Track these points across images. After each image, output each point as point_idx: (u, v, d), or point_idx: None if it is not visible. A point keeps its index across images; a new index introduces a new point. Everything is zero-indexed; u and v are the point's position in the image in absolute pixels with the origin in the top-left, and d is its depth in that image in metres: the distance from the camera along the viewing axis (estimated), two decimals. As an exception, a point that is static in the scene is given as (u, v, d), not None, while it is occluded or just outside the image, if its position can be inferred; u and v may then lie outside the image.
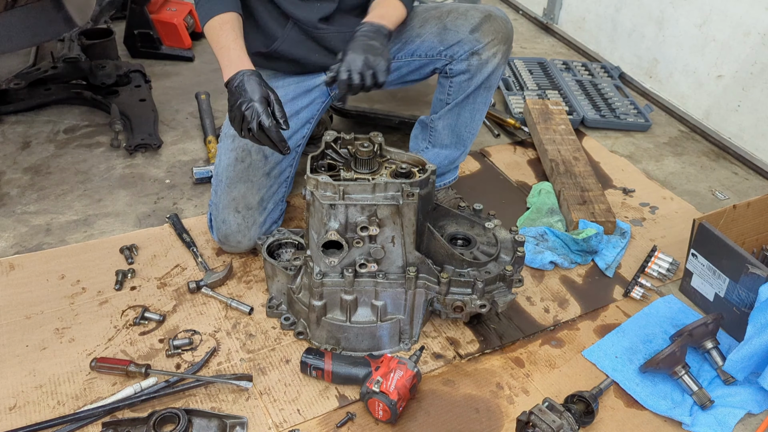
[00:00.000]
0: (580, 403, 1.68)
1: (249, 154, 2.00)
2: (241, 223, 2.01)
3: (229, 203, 2.01)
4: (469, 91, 2.08)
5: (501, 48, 2.04)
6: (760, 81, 2.78)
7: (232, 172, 2.01)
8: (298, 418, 1.64)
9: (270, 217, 2.06)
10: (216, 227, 2.05)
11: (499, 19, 2.05)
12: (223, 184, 2.02)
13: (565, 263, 2.18)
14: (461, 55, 2.04)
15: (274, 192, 2.06)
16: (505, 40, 2.05)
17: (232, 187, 2.01)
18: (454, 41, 2.04)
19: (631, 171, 2.77)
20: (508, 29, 2.06)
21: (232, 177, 2.01)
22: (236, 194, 2.00)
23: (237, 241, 2.04)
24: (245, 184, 2.01)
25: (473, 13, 2.05)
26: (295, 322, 1.87)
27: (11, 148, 2.58)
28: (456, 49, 2.04)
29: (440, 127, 2.17)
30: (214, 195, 2.06)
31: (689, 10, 3.06)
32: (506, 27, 2.05)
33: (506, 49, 2.06)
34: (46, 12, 2.29)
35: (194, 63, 3.32)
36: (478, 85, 2.07)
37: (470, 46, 2.02)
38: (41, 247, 2.11)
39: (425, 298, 1.79)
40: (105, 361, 1.69)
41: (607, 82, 3.34)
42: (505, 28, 2.05)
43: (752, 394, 1.78)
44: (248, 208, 2.01)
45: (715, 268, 1.97)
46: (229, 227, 2.02)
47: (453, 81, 2.09)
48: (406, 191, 1.63)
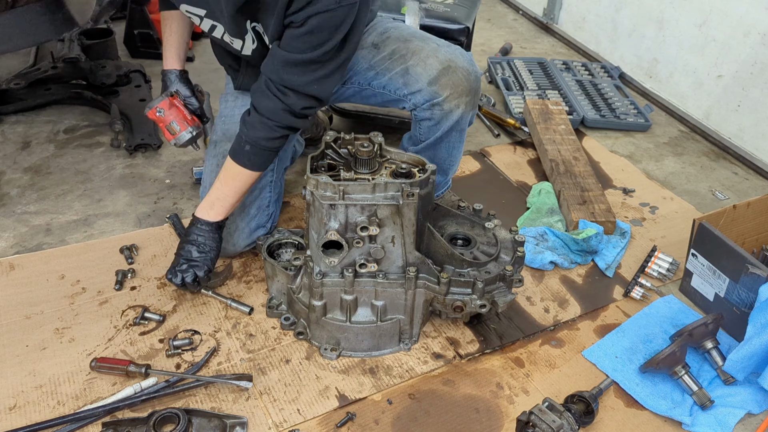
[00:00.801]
0: (580, 403, 1.68)
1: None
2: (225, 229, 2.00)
3: None
4: (438, 134, 2.01)
5: (463, 99, 1.93)
6: (760, 81, 2.78)
7: (214, 178, 1.98)
8: (298, 418, 1.64)
9: (255, 221, 2.03)
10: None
11: (460, 71, 1.92)
12: (206, 190, 2.01)
13: (565, 263, 2.18)
14: (422, 104, 1.95)
15: (256, 197, 2.03)
16: (467, 92, 1.93)
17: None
18: (415, 89, 1.94)
19: (631, 171, 2.77)
20: (470, 81, 1.93)
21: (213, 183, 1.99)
22: None
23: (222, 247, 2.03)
24: None
25: (432, 63, 1.92)
26: (295, 322, 1.87)
27: (11, 148, 2.58)
28: (417, 97, 1.94)
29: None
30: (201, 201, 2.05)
31: (689, 10, 3.06)
32: (467, 79, 1.92)
33: (469, 99, 1.95)
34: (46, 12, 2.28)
35: (194, 63, 3.32)
36: (448, 129, 2.00)
37: (429, 97, 1.93)
38: (41, 247, 2.11)
39: (425, 298, 1.79)
40: (105, 361, 1.69)
41: (607, 82, 3.34)
42: (465, 81, 1.92)
43: (752, 394, 1.78)
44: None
45: (715, 268, 1.97)
46: None
47: (421, 124, 2.01)
48: (406, 191, 1.63)
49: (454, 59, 1.93)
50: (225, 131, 2.06)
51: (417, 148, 2.08)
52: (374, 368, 1.79)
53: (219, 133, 2.08)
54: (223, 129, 2.08)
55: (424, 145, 2.06)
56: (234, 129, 1.99)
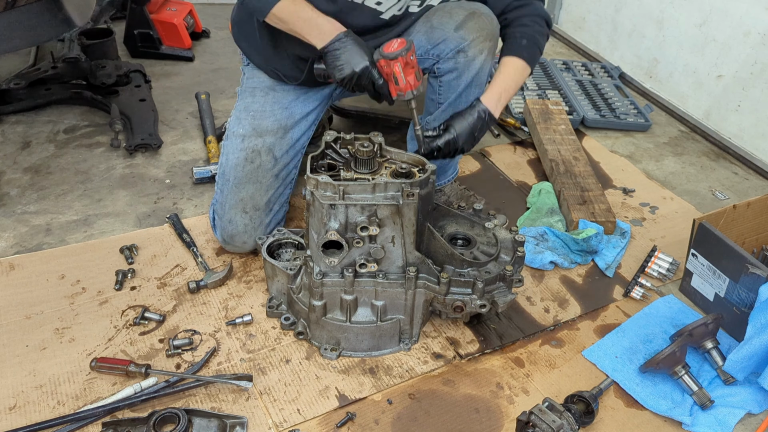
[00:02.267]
0: (580, 403, 1.68)
1: (258, 155, 2.01)
2: (248, 224, 2.02)
3: (236, 203, 2.01)
4: (459, 89, 2.04)
5: (486, 45, 1.99)
6: (760, 81, 2.78)
7: (241, 173, 2.00)
8: (298, 418, 1.64)
9: (275, 218, 2.07)
10: (221, 227, 2.05)
11: (484, 16, 1.99)
12: (230, 183, 2.02)
13: (565, 263, 2.18)
14: (447, 54, 1.99)
15: (280, 193, 2.06)
16: (490, 36, 1.99)
17: (240, 187, 2.01)
18: (439, 39, 1.99)
19: (631, 171, 2.77)
20: (494, 26, 2.00)
21: (240, 177, 2.00)
22: (244, 195, 2.00)
23: (242, 241, 2.04)
24: (254, 185, 2.01)
25: (458, 11, 1.99)
26: (295, 322, 1.87)
27: (11, 148, 2.58)
28: (442, 47, 1.99)
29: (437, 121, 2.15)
30: (220, 194, 2.06)
31: (689, 10, 3.06)
32: (491, 24, 2.00)
33: (492, 45, 2.01)
34: (46, 12, 2.29)
35: (194, 63, 3.32)
36: (468, 83, 2.03)
37: (455, 44, 1.97)
38: (41, 247, 2.11)
39: (425, 298, 1.79)
40: (105, 361, 1.69)
41: (607, 82, 3.34)
42: (490, 25, 1.99)
43: (752, 394, 1.78)
44: (256, 209, 2.01)
45: (715, 268, 1.97)
46: (236, 227, 2.02)
47: (442, 80, 2.05)
48: (406, 191, 1.63)
49: (478, 8, 2.01)
50: (256, 126, 2.04)
51: (436, 112, 2.10)
52: (374, 368, 1.79)
53: (248, 128, 2.04)
54: (253, 124, 2.04)
55: (444, 106, 2.08)
56: (266, 124, 2.05)
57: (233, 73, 3.24)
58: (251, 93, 2.10)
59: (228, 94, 3.06)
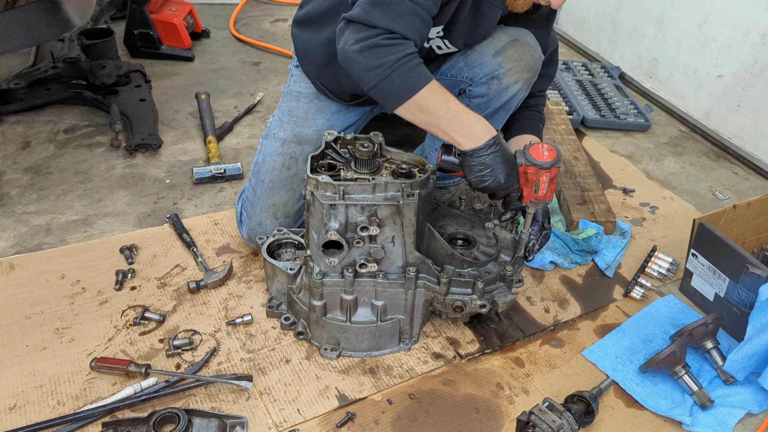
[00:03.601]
0: (580, 403, 1.68)
1: (296, 163, 1.99)
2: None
3: (268, 207, 2.01)
4: (487, 112, 1.95)
5: (523, 75, 1.90)
6: (760, 81, 2.78)
7: (277, 177, 2.00)
8: (298, 417, 1.64)
9: (299, 223, 2.07)
10: (249, 227, 2.05)
11: (526, 46, 1.89)
12: (264, 186, 2.01)
13: (565, 263, 2.18)
14: (481, 78, 1.91)
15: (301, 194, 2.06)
16: (529, 68, 1.90)
17: (274, 192, 2.00)
18: (476, 63, 1.91)
19: (631, 171, 2.77)
20: (534, 57, 1.90)
21: (276, 182, 2.00)
22: (277, 200, 2.00)
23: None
24: (288, 192, 2.00)
25: (500, 36, 1.90)
26: (295, 322, 1.87)
27: (11, 148, 2.58)
28: (477, 71, 1.91)
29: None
30: (252, 194, 2.04)
31: (689, 10, 3.06)
32: (533, 55, 1.90)
33: (529, 77, 1.92)
34: (45, 12, 2.29)
35: (194, 63, 3.32)
36: (497, 108, 1.95)
37: (491, 69, 1.89)
38: (41, 247, 2.11)
39: (425, 298, 1.79)
40: (105, 361, 1.69)
41: (607, 82, 3.34)
42: (531, 56, 1.89)
43: (752, 394, 1.78)
44: (287, 216, 2.02)
45: (715, 268, 1.97)
46: (265, 230, 2.02)
47: (471, 102, 1.96)
48: (406, 191, 1.63)
49: (522, 35, 1.91)
50: (297, 133, 2.00)
51: None
52: (374, 368, 1.79)
53: (289, 133, 2.01)
54: (295, 131, 2.01)
55: None
56: (307, 133, 2.01)
57: (233, 73, 3.24)
58: (296, 97, 2.05)
59: (228, 94, 3.06)
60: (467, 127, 1.66)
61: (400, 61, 1.56)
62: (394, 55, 1.55)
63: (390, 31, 1.55)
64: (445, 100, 1.64)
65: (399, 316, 1.81)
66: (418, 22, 1.59)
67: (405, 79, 1.57)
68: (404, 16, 1.56)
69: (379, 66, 1.55)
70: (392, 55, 1.55)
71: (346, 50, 1.58)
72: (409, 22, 1.58)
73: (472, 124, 1.66)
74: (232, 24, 3.73)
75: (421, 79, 1.59)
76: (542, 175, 1.66)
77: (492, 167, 1.66)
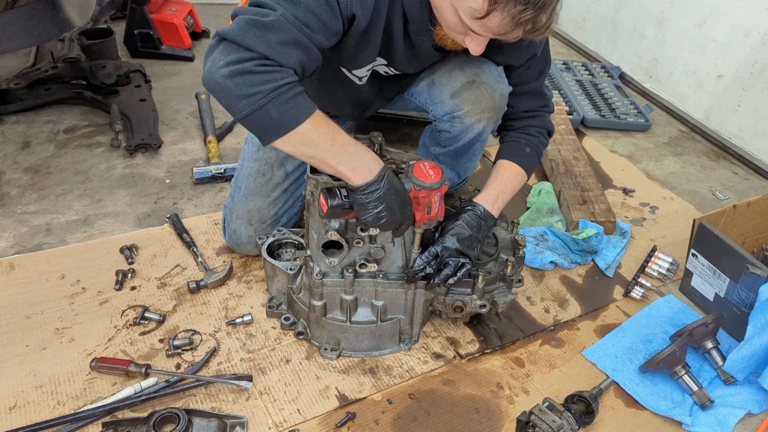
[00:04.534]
0: (580, 403, 1.68)
1: (271, 168, 1.98)
2: (252, 236, 2.01)
3: (243, 214, 2.01)
4: (459, 144, 1.98)
5: (484, 116, 1.87)
6: (760, 81, 2.78)
7: (252, 184, 1.99)
8: (298, 417, 1.64)
9: (293, 221, 2.07)
10: (228, 234, 2.06)
11: (484, 86, 1.82)
12: (241, 192, 2.01)
13: (565, 263, 2.18)
14: (442, 116, 1.91)
15: (289, 207, 2.04)
16: (489, 109, 1.85)
17: (248, 199, 1.99)
18: (437, 100, 1.90)
19: (631, 171, 2.77)
20: (494, 98, 1.84)
21: (250, 188, 1.99)
22: (252, 207, 2.00)
23: (247, 251, 2.06)
24: (262, 198, 1.99)
25: (457, 75, 1.85)
26: (295, 322, 1.87)
27: (11, 148, 2.58)
28: (438, 108, 1.90)
29: (441, 159, 2.11)
30: (230, 200, 2.05)
31: (689, 10, 3.06)
32: (491, 96, 1.83)
33: (491, 116, 1.88)
34: (45, 12, 2.29)
35: (194, 63, 3.32)
36: (469, 141, 1.96)
37: (450, 109, 1.88)
38: (41, 247, 2.11)
39: (425, 298, 1.79)
40: (105, 361, 1.69)
41: (607, 82, 3.34)
42: (489, 98, 1.83)
43: (752, 394, 1.78)
44: (261, 222, 2.01)
45: (715, 268, 1.97)
46: (240, 238, 2.03)
47: (441, 135, 1.99)
48: (406, 191, 1.63)
49: (480, 74, 1.83)
50: None
51: (440, 150, 2.06)
52: (374, 368, 1.79)
53: None
54: None
55: (447, 150, 2.04)
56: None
57: (233, 73, 3.24)
58: None
59: (228, 94, 3.06)
60: (356, 159, 1.49)
61: (278, 90, 1.37)
62: (269, 84, 1.37)
63: (266, 57, 1.38)
64: (330, 131, 1.47)
65: (399, 316, 1.81)
66: (300, 54, 1.43)
67: (283, 110, 1.39)
68: (286, 44, 1.40)
69: (253, 95, 1.37)
70: (268, 84, 1.37)
71: (213, 72, 1.39)
72: (291, 52, 1.40)
73: (360, 156, 1.50)
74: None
75: (302, 111, 1.42)
76: (434, 195, 1.58)
77: (386, 201, 1.51)
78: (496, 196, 1.80)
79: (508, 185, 1.84)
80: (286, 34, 1.39)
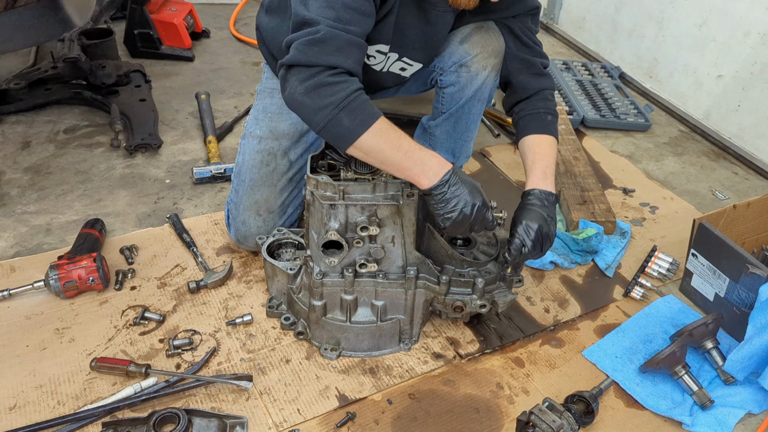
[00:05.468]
0: (580, 403, 1.68)
1: (274, 158, 2.00)
2: (262, 226, 2.02)
3: (250, 206, 2.01)
4: (461, 102, 2.02)
5: (491, 61, 1.94)
6: (760, 81, 2.78)
7: (257, 175, 2.00)
8: (298, 417, 1.64)
9: (289, 219, 2.07)
10: (235, 227, 2.06)
11: (491, 31, 1.94)
12: (245, 185, 2.02)
13: (565, 263, 2.18)
14: (450, 67, 1.96)
15: (295, 196, 2.06)
16: (496, 53, 1.94)
17: (255, 189, 2.00)
18: (444, 52, 1.96)
19: (631, 171, 2.77)
20: (500, 42, 1.95)
21: (255, 179, 2.00)
22: (259, 197, 2.00)
23: (255, 243, 2.04)
24: (269, 188, 2.00)
25: (466, 26, 1.95)
26: (295, 322, 1.87)
27: (11, 148, 2.58)
28: (445, 59, 1.96)
29: (438, 133, 2.15)
30: (235, 194, 2.05)
31: (689, 10, 3.06)
32: (497, 39, 1.95)
33: (496, 62, 1.96)
34: (45, 12, 2.29)
35: (194, 63, 3.32)
36: (470, 97, 2.01)
37: (458, 57, 1.94)
38: (41, 247, 2.11)
39: (425, 298, 1.79)
40: (105, 361, 1.69)
41: (607, 82, 3.34)
42: (496, 41, 1.94)
43: (752, 394, 1.78)
44: (270, 211, 2.01)
45: (715, 268, 1.97)
46: (249, 229, 2.02)
47: (445, 92, 2.03)
48: (406, 191, 1.63)
49: (486, 23, 1.95)
50: (273, 129, 2.01)
51: (437, 121, 2.10)
52: (374, 368, 1.79)
53: (265, 130, 2.02)
54: (270, 126, 2.02)
55: (446, 116, 2.07)
56: (282, 127, 2.02)
57: (233, 73, 3.24)
58: (270, 94, 2.06)
59: (228, 94, 3.06)
60: (422, 164, 1.56)
61: (347, 98, 1.49)
62: (340, 94, 1.48)
63: (332, 66, 1.50)
64: (396, 137, 1.56)
65: (399, 316, 1.81)
66: (356, 52, 1.55)
67: (353, 117, 1.50)
68: (342, 49, 1.51)
69: (327, 106, 1.48)
70: (338, 93, 1.48)
71: (293, 95, 1.51)
72: (349, 54, 1.53)
73: (426, 160, 1.57)
74: (232, 24, 3.73)
75: (370, 116, 1.52)
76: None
77: (455, 201, 1.58)
78: (543, 173, 1.80)
79: (549, 158, 1.84)
80: (339, 40, 1.51)
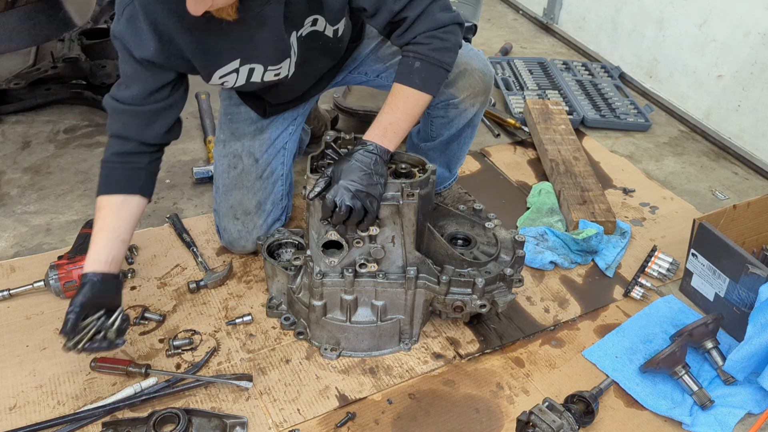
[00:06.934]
0: (580, 403, 1.68)
1: (240, 160, 2.01)
2: (242, 229, 2.02)
3: (227, 211, 2.03)
4: (452, 132, 2.04)
5: (479, 99, 1.96)
6: (760, 81, 2.78)
7: (227, 179, 2.02)
8: (298, 417, 1.64)
9: (271, 216, 2.06)
10: (221, 234, 2.09)
11: (476, 72, 1.92)
12: (220, 191, 2.04)
13: (565, 263, 2.18)
14: (437, 104, 1.96)
15: (270, 193, 2.05)
16: (483, 92, 1.96)
17: (228, 194, 2.02)
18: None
19: (631, 171, 2.77)
20: (486, 81, 1.95)
21: (227, 184, 2.02)
22: (233, 201, 2.01)
23: (242, 246, 2.06)
24: (240, 190, 2.01)
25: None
26: (295, 322, 1.87)
27: (11, 148, 2.58)
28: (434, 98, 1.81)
29: (431, 154, 2.14)
30: (215, 202, 2.08)
31: (689, 10, 3.06)
32: (483, 80, 1.94)
33: (484, 98, 1.98)
34: (45, 12, 2.29)
35: (194, 63, 3.32)
36: (462, 127, 2.03)
37: (445, 98, 1.94)
38: (41, 247, 2.11)
39: (425, 298, 1.79)
40: (105, 361, 1.69)
41: (607, 82, 3.34)
42: (481, 82, 1.94)
43: (752, 394, 1.78)
44: (246, 213, 2.02)
45: (715, 268, 1.97)
46: (231, 234, 2.04)
47: (434, 122, 2.03)
48: (406, 191, 1.63)
49: (469, 61, 1.92)
50: (233, 130, 2.04)
51: (429, 144, 2.10)
52: (374, 368, 1.79)
53: (227, 132, 2.04)
54: (231, 128, 2.04)
55: (437, 142, 2.08)
56: (241, 127, 2.03)
57: (233, 73, 3.24)
58: (228, 95, 2.08)
59: (228, 94, 3.06)
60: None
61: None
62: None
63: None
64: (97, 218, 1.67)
65: (399, 316, 1.81)
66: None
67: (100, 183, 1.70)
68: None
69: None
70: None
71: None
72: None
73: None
74: (232, 24, 3.72)
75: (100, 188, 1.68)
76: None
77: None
78: (384, 128, 1.66)
79: (399, 112, 1.67)
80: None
